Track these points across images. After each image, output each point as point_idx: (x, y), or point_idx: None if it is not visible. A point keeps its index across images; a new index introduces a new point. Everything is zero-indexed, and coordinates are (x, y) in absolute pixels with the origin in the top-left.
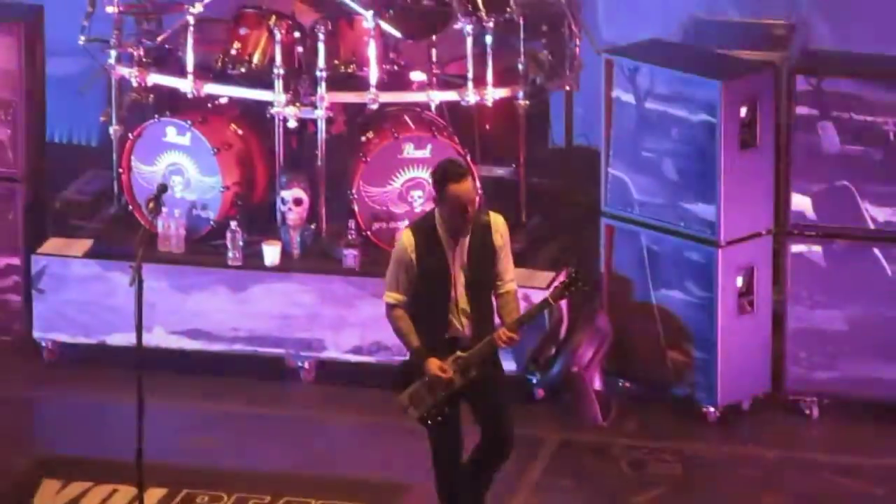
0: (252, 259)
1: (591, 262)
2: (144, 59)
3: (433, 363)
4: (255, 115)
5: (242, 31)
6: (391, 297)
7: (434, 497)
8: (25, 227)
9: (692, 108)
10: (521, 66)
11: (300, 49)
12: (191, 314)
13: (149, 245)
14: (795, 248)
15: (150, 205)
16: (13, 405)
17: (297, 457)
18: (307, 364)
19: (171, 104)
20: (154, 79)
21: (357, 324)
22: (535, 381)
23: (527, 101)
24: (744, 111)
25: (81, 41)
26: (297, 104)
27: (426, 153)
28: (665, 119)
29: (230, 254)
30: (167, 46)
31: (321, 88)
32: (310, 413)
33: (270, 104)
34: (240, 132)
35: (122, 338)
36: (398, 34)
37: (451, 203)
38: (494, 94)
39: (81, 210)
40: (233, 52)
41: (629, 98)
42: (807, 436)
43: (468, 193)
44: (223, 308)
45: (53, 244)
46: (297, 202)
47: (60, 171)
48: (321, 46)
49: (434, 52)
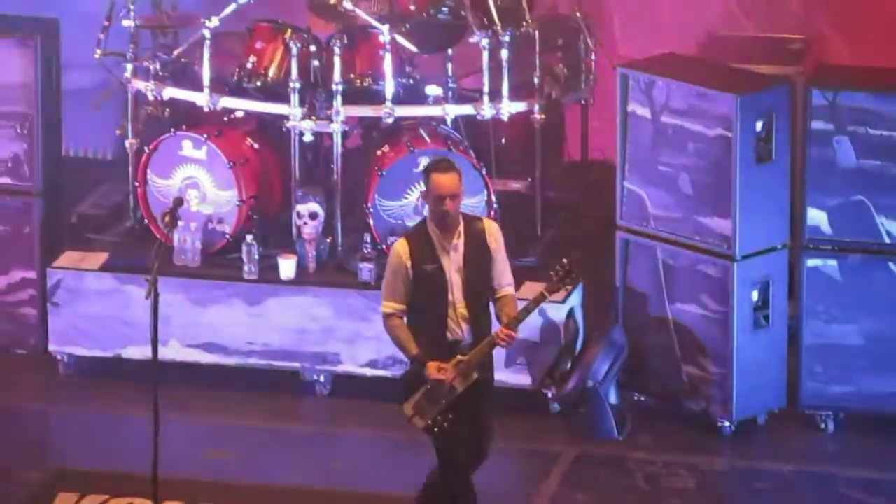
0: (267, 273)
1: (607, 276)
2: (160, 73)
3: (432, 367)
4: (271, 129)
5: (258, 45)
6: (388, 307)
7: None
8: (41, 241)
9: (708, 123)
10: (537, 80)
11: (316, 63)
12: (206, 328)
13: (164, 258)
14: (811, 263)
15: (166, 218)
16: (29, 418)
17: (313, 471)
18: (322, 378)
19: (187, 118)
20: (170, 92)
21: (372, 337)
22: (551, 396)
23: (543, 115)
24: (759, 125)
25: (98, 55)
26: (313, 118)
27: None
28: (681, 133)
29: (246, 267)
30: (183, 60)
31: (337, 102)
32: (325, 427)
33: (286, 118)
34: (255, 146)
35: (138, 351)
36: (414, 48)
37: (433, 192)
38: (510, 108)
39: (97, 223)
40: (249, 66)
41: (645, 112)
42: (822, 450)
43: (449, 184)
44: (239, 322)
45: (69, 258)
46: (313, 216)
47: (76, 185)
48: (337, 60)
49: (450, 66)
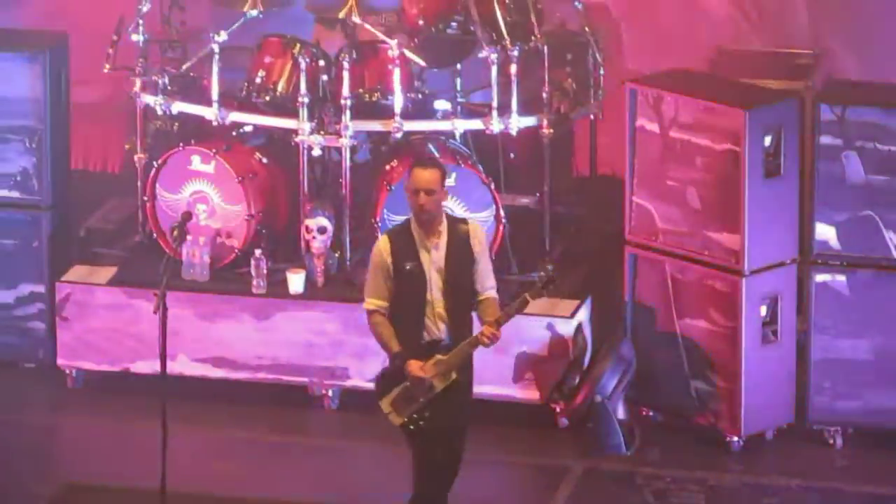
0: (276, 287)
1: (615, 291)
2: (169, 88)
3: (413, 364)
4: (280, 144)
5: (267, 60)
6: (371, 303)
7: None
8: (50, 255)
9: (716, 137)
10: (546, 95)
11: (325, 77)
12: (214, 342)
13: (173, 273)
14: (819, 278)
15: (175, 233)
16: (38, 432)
17: (321, 485)
18: (331, 392)
19: (196, 132)
20: (179, 107)
21: (381, 352)
22: (559, 410)
23: (551, 130)
24: (768, 140)
25: (106, 69)
26: (322, 132)
27: (451, 182)
28: (689, 148)
29: (254, 282)
30: (192, 74)
31: (346, 117)
32: (333, 441)
33: (295, 132)
34: (264, 160)
35: (146, 365)
36: (423, 63)
37: (410, 186)
38: (519, 123)
39: (106, 238)
40: (258, 81)
41: (653, 127)
42: (830, 466)
43: (425, 179)
44: (247, 336)
45: (78, 272)
46: (322, 230)
47: (85, 199)
48: (346, 75)
49: (459, 81)
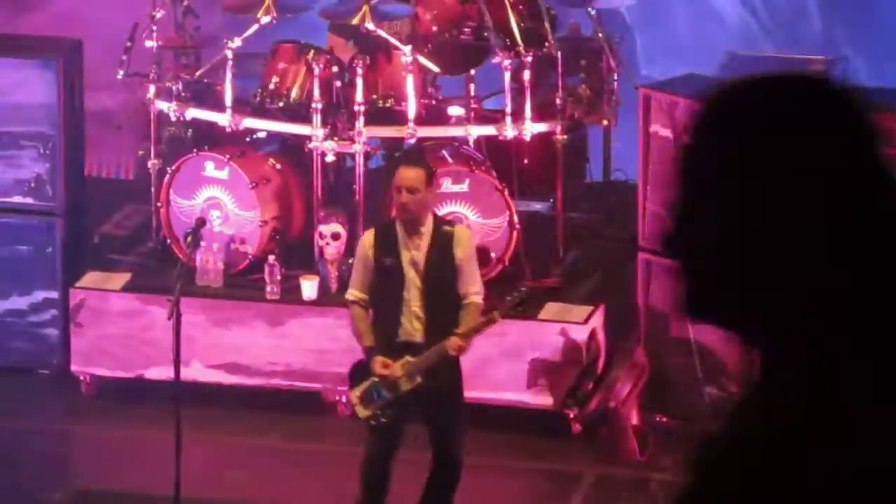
0: (290, 293)
1: (629, 297)
2: (183, 94)
3: (378, 360)
4: (293, 150)
5: (280, 66)
6: (351, 294)
7: None
8: (64, 261)
9: None
10: (560, 101)
11: (338, 83)
12: (228, 348)
13: (187, 279)
14: None
15: (189, 239)
16: (51, 438)
17: (334, 492)
18: (344, 398)
19: (210, 138)
20: (192, 113)
21: None
22: (573, 416)
23: (565, 136)
24: None
25: (120, 76)
26: (336, 138)
27: (464, 188)
28: None
29: (268, 288)
30: (206, 81)
31: (359, 123)
32: (347, 448)
33: (308, 138)
34: (278, 166)
35: (160, 372)
36: (436, 69)
37: (393, 183)
38: (532, 129)
39: (120, 244)
40: (271, 87)
41: (667, 133)
42: None
43: (407, 177)
44: (260, 342)
45: (92, 278)
46: (335, 236)
47: (99, 206)
48: (359, 81)
49: (472, 87)
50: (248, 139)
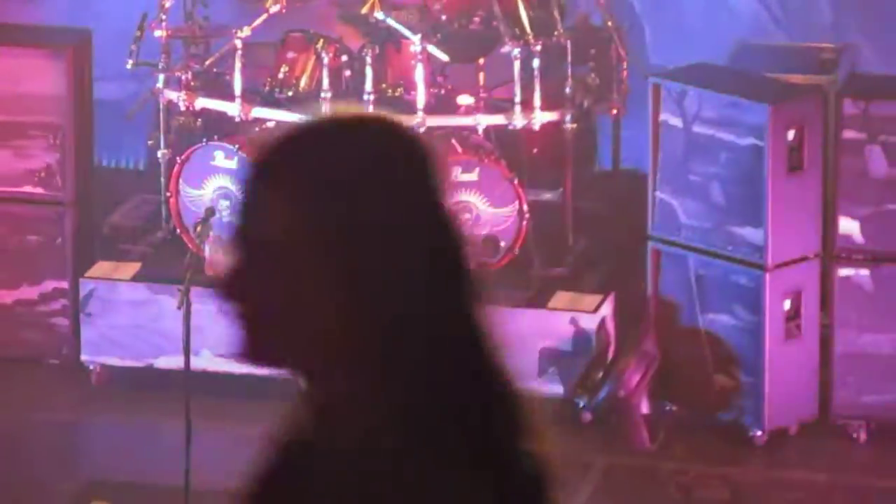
0: None
1: (639, 286)
2: (192, 83)
3: None
4: None
5: (290, 55)
6: None
7: None
8: (73, 251)
9: (740, 132)
10: (569, 90)
11: (347, 73)
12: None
13: (196, 269)
14: (843, 272)
15: (198, 229)
16: (61, 429)
17: None
18: None
19: (219, 128)
20: (202, 103)
21: None
22: (582, 405)
23: (574, 125)
24: (791, 135)
25: (129, 65)
26: None
27: (474, 177)
28: (712, 143)
29: None
30: (215, 70)
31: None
32: None
33: None
34: None
35: (170, 361)
36: (445, 58)
37: None
38: (542, 118)
39: (129, 234)
40: (280, 76)
41: (676, 122)
42: (855, 460)
43: None
44: None
45: (101, 268)
46: None
47: (108, 196)
48: (368, 70)
49: (481, 76)
50: (258, 129)
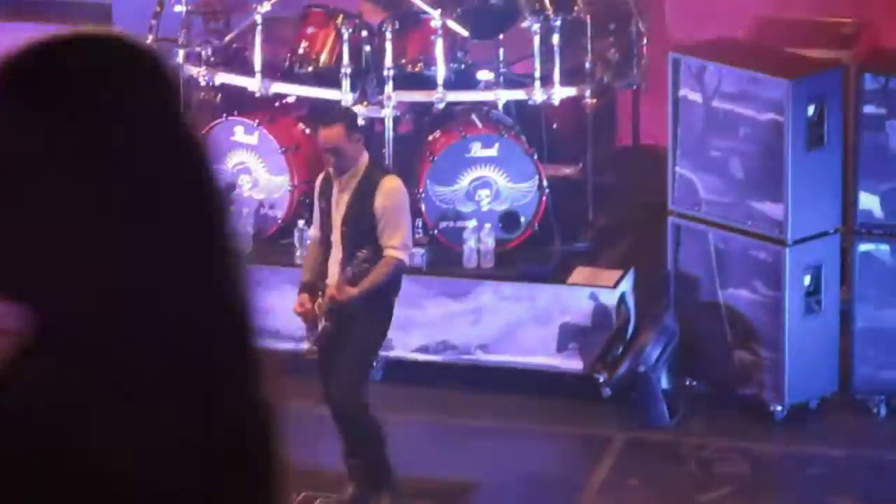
0: None
1: (658, 261)
2: (212, 59)
3: (298, 298)
4: (323, 115)
5: (310, 31)
6: (310, 232)
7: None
8: None
9: (760, 107)
10: (589, 65)
11: (367, 48)
12: (259, 313)
13: None
14: (863, 247)
15: None
16: None
17: None
18: (375, 363)
19: (239, 103)
20: (222, 78)
21: (424, 323)
22: (602, 381)
23: (594, 100)
24: (811, 110)
25: (149, 41)
26: (365, 103)
27: (493, 152)
28: (732, 118)
29: (298, 252)
30: (235, 46)
31: (388, 87)
32: (378, 412)
33: (338, 103)
34: (307, 131)
35: None
36: (466, 33)
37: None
38: (561, 93)
39: None
40: (300, 52)
41: (696, 97)
42: (874, 435)
43: (325, 139)
44: (290, 307)
45: None
46: None
47: None
48: (388, 45)
49: (501, 51)
50: (278, 104)
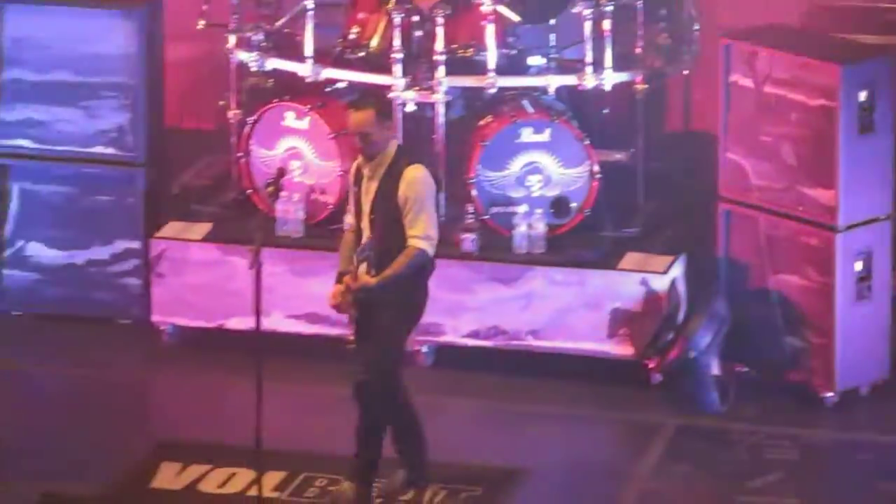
0: None
1: (709, 247)
2: (263, 44)
3: (333, 288)
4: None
5: (361, 16)
6: (345, 220)
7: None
8: (145, 211)
9: (811, 93)
10: (640, 50)
11: (419, 33)
12: (309, 298)
13: (267, 229)
14: None
15: (269, 189)
16: (132, 388)
17: None
18: (425, 349)
19: (290, 88)
20: (273, 63)
21: (475, 308)
22: (653, 366)
23: (645, 86)
24: (863, 96)
25: (200, 25)
26: (416, 88)
27: (545, 137)
28: (783, 103)
29: None
30: (286, 31)
31: (439, 72)
32: (428, 398)
33: (389, 88)
34: None
35: (241, 322)
36: (517, 18)
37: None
38: (613, 79)
39: (201, 194)
40: (351, 37)
41: (747, 83)
42: None
43: (355, 123)
44: None
45: (172, 228)
46: None
47: (179, 156)
48: (440, 30)
49: (552, 36)
50: (329, 89)
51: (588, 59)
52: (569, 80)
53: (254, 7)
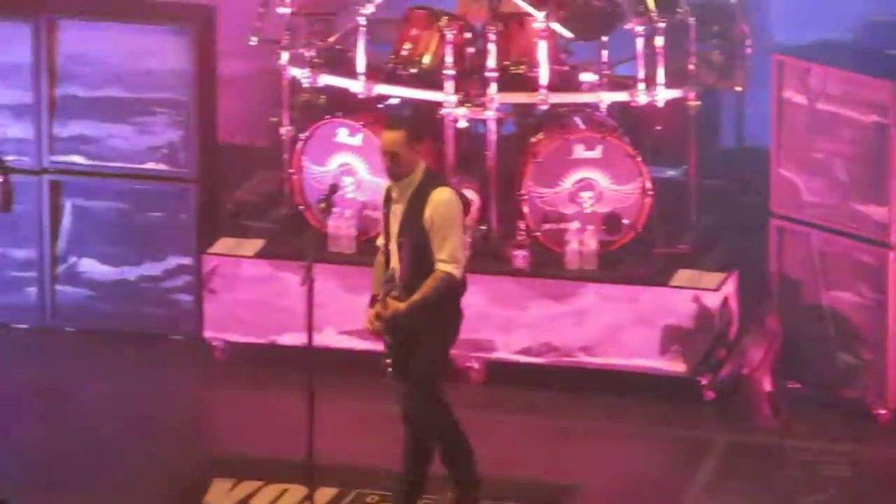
0: None
1: (761, 264)
2: (316, 60)
3: (368, 313)
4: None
5: (413, 32)
6: (378, 240)
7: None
8: (198, 228)
9: (863, 110)
10: (692, 67)
11: (471, 50)
12: (360, 314)
13: (319, 245)
14: None
15: (322, 205)
16: (185, 404)
17: None
18: (477, 364)
19: (342, 105)
20: (325, 79)
21: (527, 324)
22: (705, 383)
23: (698, 102)
24: None
25: (253, 42)
26: (468, 105)
27: (597, 154)
28: (836, 120)
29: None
30: (338, 47)
31: (491, 89)
32: (479, 414)
33: (441, 105)
34: None
35: (293, 338)
36: (569, 34)
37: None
38: (665, 95)
39: (253, 210)
40: (403, 53)
41: (800, 99)
42: None
43: (385, 140)
44: None
45: (224, 244)
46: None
47: (232, 172)
48: (492, 47)
49: (605, 53)
50: (381, 106)
51: (640, 76)
52: (621, 97)
53: (306, 23)
